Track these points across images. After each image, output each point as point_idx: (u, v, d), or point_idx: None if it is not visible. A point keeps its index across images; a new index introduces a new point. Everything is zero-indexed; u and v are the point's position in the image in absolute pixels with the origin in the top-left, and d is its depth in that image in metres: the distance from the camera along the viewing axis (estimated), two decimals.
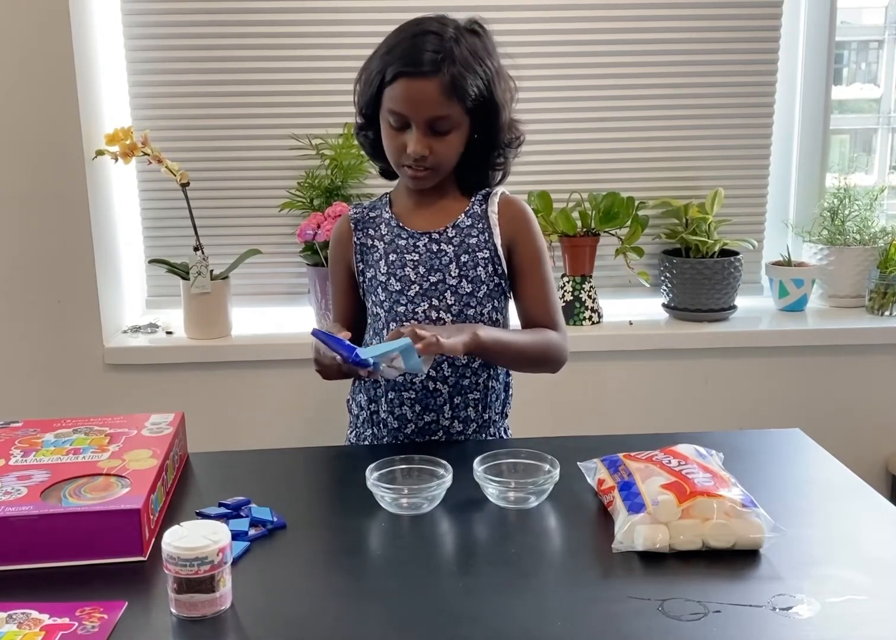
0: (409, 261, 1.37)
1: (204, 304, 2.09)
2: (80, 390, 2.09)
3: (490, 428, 1.45)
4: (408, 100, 1.26)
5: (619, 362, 2.16)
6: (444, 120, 1.28)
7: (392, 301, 1.38)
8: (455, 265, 1.37)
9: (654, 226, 2.26)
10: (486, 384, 1.41)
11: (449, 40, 1.26)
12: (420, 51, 1.25)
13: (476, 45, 1.30)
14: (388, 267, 1.38)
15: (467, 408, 1.41)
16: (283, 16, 2.11)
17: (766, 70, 2.22)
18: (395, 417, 1.41)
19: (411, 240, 1.38)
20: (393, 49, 1.28)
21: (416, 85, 1.25)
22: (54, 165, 1.98)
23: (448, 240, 1.37)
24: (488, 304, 1.38)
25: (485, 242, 1.38)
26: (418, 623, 0.89)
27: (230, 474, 1.29)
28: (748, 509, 1.02)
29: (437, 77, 1.25)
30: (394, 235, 1.39)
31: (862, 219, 2.28)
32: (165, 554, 0.90)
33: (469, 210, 1.39)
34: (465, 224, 1.38)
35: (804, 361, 2.19)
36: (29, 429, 1.27)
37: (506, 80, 1.34)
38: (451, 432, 1.41)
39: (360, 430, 1.49)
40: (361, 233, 1.42)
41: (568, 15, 2.15)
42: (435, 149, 1.29)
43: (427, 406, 1.39)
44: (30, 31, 1.91)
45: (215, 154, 2.17)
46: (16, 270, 2.03)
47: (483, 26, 1.33)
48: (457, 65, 1.26)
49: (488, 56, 1.31)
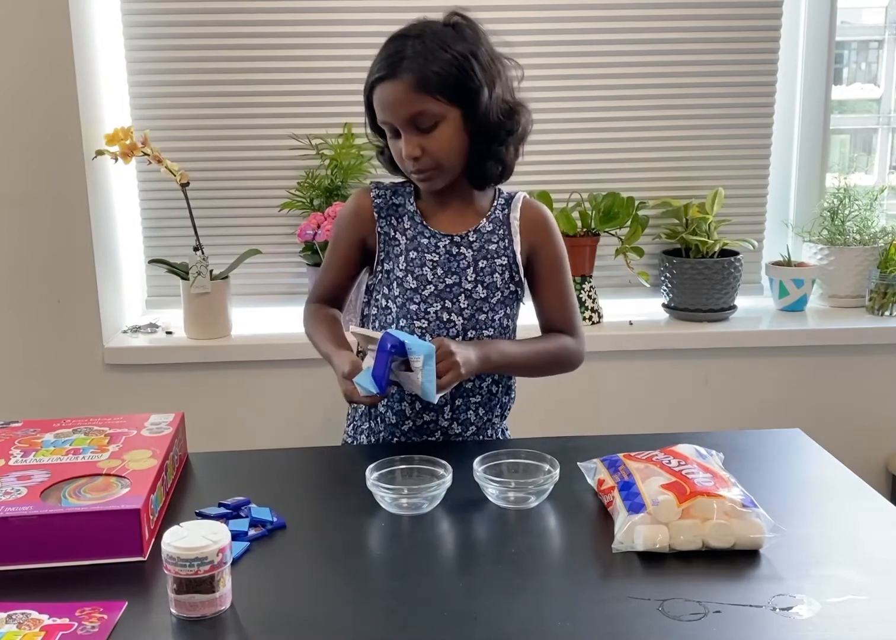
0: (428, 261, 1.37)
1: (204, 304, 2.09)
2: (80, 390, 2.09)
3: (488, 430, 1.45)
4: (383, 106, 1.28)
5: (619, 362, 2.16)
6: (423, 116, 1.27)
7: (405, 298, 1.38)
8: (472, 270, 1.37)
9: (654, 226, 2.26)
10: (489, 389, 1.42)
11: (411, 38, 1.27)
12: (387, 56, 1.28)
13: (445, 35, 1.28)
14: (407, 264, 1.38)
15: (468, 411, 1.41)
16: (283, 16, 2.11)
17: (766, 70, 2.22)
18: (393, 412, 1.41)
19: (433, 240, 1.38)
20: (372, 64, 1.31)
21: (386, 89, 1.27)
22: (54, 165, 1.98)
23: (468, 244, 1.38)
24: (500, 310, 1.39)
25: (504, 249, 1.38)
26: (418, 623, 0.89)
27: (230, 474, 1.29)
28: (748, 509, 1.02)
29: (402, 75, 1.26)
30: (416, 232, 1.39)
31: (862, 219, 2.28)
32: (165, 554, 0.90)
33: (491, 215, 1.40)
34: (486, 229, 1.38)
35: (804, 361, 2.19)
36: (29, 429, 1.27)
37: (492, 63, 1.31)
38: (450, 433, 1.41)
39: (358, 423, 1.48)
40: (385, 221, 1.40)
41: (568, 15, 2.15)
42: (426, 147, 1.29)
43: (427, 405, 1.39)
44: (30, 31, 1.91)
45: (215, 154, 2.17)
46: (16, 270, 2.03)
47: (463, 16, 1.32)
48: (419, 58, 1.25)
49: (461, 42, 1.28)
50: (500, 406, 1.45)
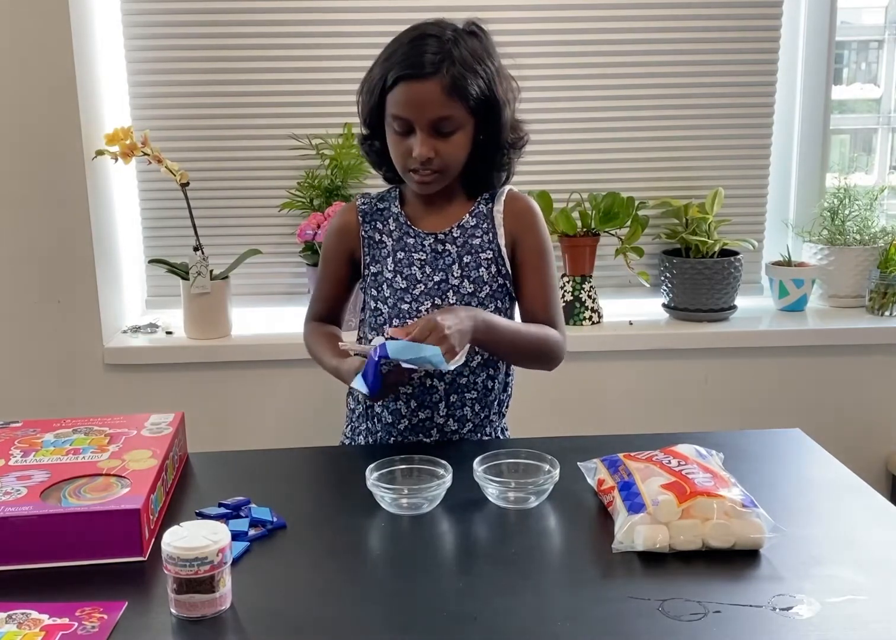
0: (416, 260, 1.38)
1: (204, 304, 2.09)
2: (80, 390, 2.09)
3: (486, 427, 1.45)
4: (410, 103, 1.27)
5: (619, 362, 2.16)
6: (448, 121, 1.28)
7: (396, 299, 1.38)
8: (458, 266, 1.37)
9: (654, 226, 2.26)
10: (485, 384, 1.41)
11: (447, 42, 1.27)
12: (419, 53, 1.25)
13: (475, 46, 1.30)
14: (395, 265, 1.39)
15: (464, 407, 1.41)
16: (283, 16, 2.11)
17: (766, 70, 2.22)
18: (389, 411, 1.41)
19: (418, 239, 1.38)
20: (392, 55, 1.28)
21: (418, 87, 1.26)
22: (54, 165, 1.98)
23: (452, 240, 1.38)
24: (491, 304, 1.38)
25: (489, 243, 1.38)
26: (418, 623, 0.89)
27: (230, 474, 1.29)
28: (748, 509, 1.02)
29: (438, 78, 1.25)
30: (402, 233, 1.39)
31: (862, 219, 2.28)
32: (165, 554, 0.90)
33: (474, 210, 1.39)
34: (469, 225, 1.38)
35: (804, 361, 2.19)
36: (29, 429, 1.27)
37: (507, 79, 1.34)
38: (446, 430, 1.41)
39: (356, 424, 1.49)
40: (369, 226, 1.42)
41: (568, 15, 2.15)
42: (440, 151, 1.29)
43: (422, 403, 1.39)
44: (30, 32, 1.91)
45: (215, 154, 2.17)
46: (16, 270, 2.03)
47: (482, 27, 1.33)
48: (456, 65, 1.26)
49: (488, 56, 1.31)
50: (498, 403, 1.45)
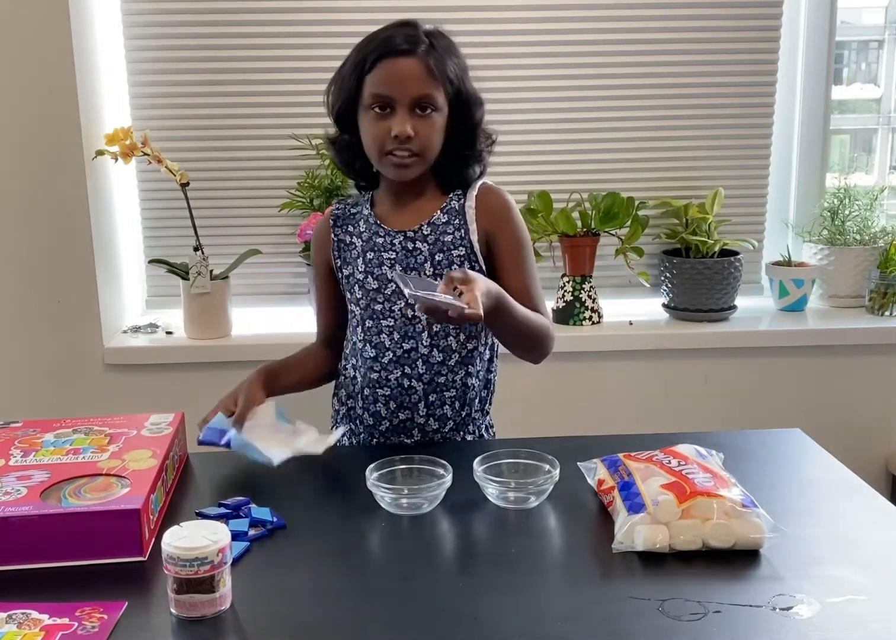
0: (386, 259, 1.37)
1: (204, 304, 2.09)
2: (80, 390, 2.09)
3: (469, 426, 1.44)
4: (392, 79, 1.29)
5: (619, 362, 2.16)
6: (428, 99, 1.29)
7: (369, 299, 1.38)
8: (430, 264, 1.36)
9: (654, 226, 2.26)
10: (464, 382, 1.40)
11: (423, 33, 1.31)
12: (398, 36, 1.29)
13: (447, 43, 1.34)
14: (365, 265, 1.39)
15: (443, 406, 1.40)
16: (283, 16, 2.11)
17: (766, 70, 2.22)
18: (369, 413, 1.42)
19: (388, 238, 1.38)
20: (368, 44, 1.31)
21: (400, 63, 1.28)
22: (54, 165, 1.97)
23: (423, 238, 1.37)
24: None
25: (461, 239, 1.36)
26: (418, 623, 0.89)
27: (230, 474, 1.30)
28: (748, 509, 1.02)
29: (419, 56, 1.28)
30: (371, 233, 1.40)
31: (862, 219, 2.28)
32: (165, 554, 0.90)
33: (446, 206, 1.38)
34: (440, 221, 1.37)
35: (804, 361, 2.19)
36: (29, 429, 1.27)
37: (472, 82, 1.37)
38: (427, 429, 1.41)
39: (339, 425, 1.49)
40: (340, 230, 1.43)
41: (567, 15, 2.14)
42: (419, 132, 1.29)
43: (402, 404, 1.39)
44: (30, 32, 1.91)
45: (215, 154, 2.17)
46: (16, 270, 2.03)
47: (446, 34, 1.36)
48: (435, 50, 1.30)
49: (458, 56, 1.35)
50: (479, 400, 1.44)
